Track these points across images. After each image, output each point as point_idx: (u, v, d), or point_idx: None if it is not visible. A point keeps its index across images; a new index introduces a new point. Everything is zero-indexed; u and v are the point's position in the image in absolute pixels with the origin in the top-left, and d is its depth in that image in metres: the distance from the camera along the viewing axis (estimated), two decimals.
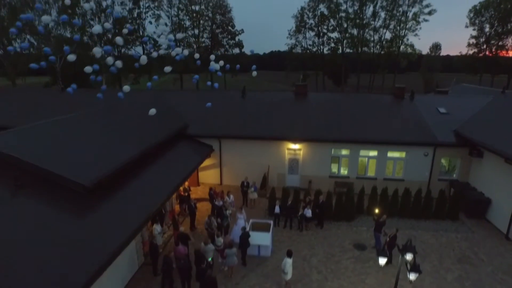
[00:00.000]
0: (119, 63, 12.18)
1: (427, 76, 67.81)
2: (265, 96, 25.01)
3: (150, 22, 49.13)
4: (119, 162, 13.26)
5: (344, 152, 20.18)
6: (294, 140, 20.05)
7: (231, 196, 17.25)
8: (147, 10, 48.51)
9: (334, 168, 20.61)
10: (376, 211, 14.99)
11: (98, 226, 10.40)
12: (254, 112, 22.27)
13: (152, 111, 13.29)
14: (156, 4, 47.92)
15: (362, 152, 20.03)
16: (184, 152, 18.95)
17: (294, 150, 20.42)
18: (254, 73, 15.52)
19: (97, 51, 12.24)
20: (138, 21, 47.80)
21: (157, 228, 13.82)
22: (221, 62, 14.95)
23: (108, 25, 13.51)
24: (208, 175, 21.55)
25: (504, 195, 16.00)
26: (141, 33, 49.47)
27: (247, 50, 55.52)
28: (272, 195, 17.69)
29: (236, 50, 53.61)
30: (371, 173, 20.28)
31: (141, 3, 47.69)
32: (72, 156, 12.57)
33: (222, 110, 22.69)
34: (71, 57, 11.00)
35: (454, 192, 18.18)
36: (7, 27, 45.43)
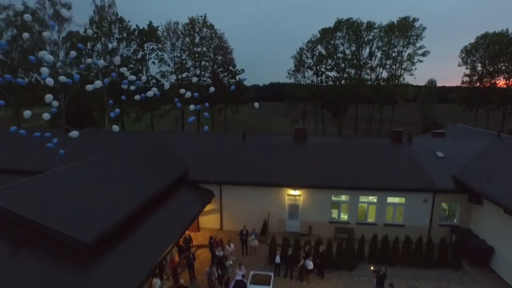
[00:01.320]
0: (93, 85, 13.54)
1: (425, 109, 69.15)
2: (265, 140, 25.48)
3: (154, 63, 50.90)
4: (121, 215, 13.36)
5: (344, 198, 20.30)
6: (294, 186, 20.25)
7: (232, 245, 17.17)
8: (151, 51, 50.49)
9: (334, 213, 20.63)
10: (372, 268, 15.01)
11: (100, 285, 10.36)
12: (254, 157, 22.62)
13: (74, 134, 13.88)
14: (159, 46, 49.90)
15: (362, 198, 20.15)
16: (185, 198, 19.08)
17: (294, 196, 20.55)
18: (256, 105, 16.61)
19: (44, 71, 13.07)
20: (142, 62, 49.60)
21: (157, 282, 13.70)
22: (188, 93, 15.74)
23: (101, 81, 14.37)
24: (209, 220, 21.52)
25: (507, 245, 15.92)
26: (144, 73, 51.09)
27: (246, 82, 56.98)
28: (272, 243, 17.61)
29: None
30: (371, 218, 20.28)
31: (145, 45, 49.70)
32: (73, 210, 12.64)
33: (223, 154, 23.10)
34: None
35: (456, 239, 18.10)
36: (17, 66, 47.08)
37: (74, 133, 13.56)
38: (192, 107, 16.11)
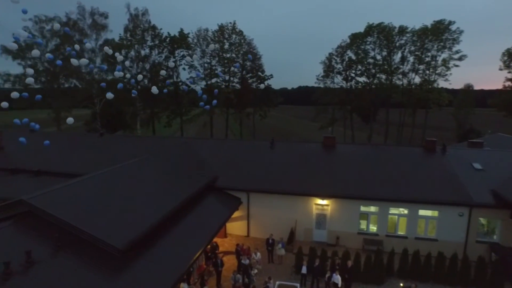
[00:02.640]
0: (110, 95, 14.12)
1: (461, 115, 65.96)
2: (294, 147, 25.43)
3: (184, 69, 52.29)
4: (151, 221, 13.81)
5: (373, 209, 19.83)
6: (322, 196, 20.05)
7: (258, 254, 17.24)
8: (181, 58, 51.91)
9: (363, 224, 20.19)
10: (402, 284, 14.60)
11: None
12: (282, 165, 22.62)
13: (70, 120, 14.26)
14: (190, 53, 51.16)
15: (392, 210, 19.59)
16: (213, 205, 19.39)
17: (322, 205, 20.33)
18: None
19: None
20: (173, 68, 51.14)
21: (184, 287, 14.00)
22: (154, 88, 16.07)
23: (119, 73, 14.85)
24: (236, 226, 21.71)
25: None
26: (175, 79, 52.63)
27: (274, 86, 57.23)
28: (299, 252, 17.51)
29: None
30: (401, 231, 19.65)
31: (176, 52, 51.20)
32: (107, 215, 13.24)
33: (251, 161, 23.28)
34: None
35: (497, 258, 17.12)
36: (58, 73, 49.88)
37: (70, 120, 14.50)
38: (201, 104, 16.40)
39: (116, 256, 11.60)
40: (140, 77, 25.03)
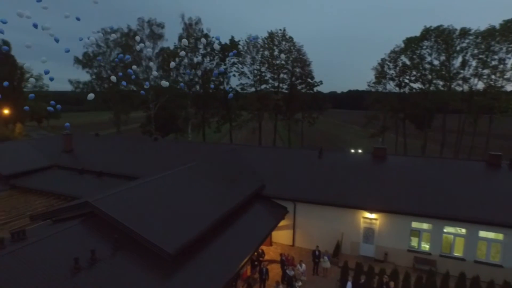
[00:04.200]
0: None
1: None
2: (342, 157, 25.00)
3: (234, 75, 53.69)
4: (201, 228, 14.46)
5: (426, 226, 18.78)
6: (370, 209, 19.43)
7: (303, 265, 17.18)
8: (232, 65, 53.44)
9: (414, 242, 19.20)
10: None
11: None
12: (330, 175, 22.33)
13: (90, 96, 15.62)
14: (240, 59, 52.50)
15: (448, 228, 18.38)
16: (259, 213, 19.71)
17: (370, 219, 19.71)
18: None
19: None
20: (224, 75, 52.92)
21: None
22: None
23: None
24: (281, 235, 21.81)
25: None
26: (225, 85, 54.34)
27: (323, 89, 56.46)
28: (344, 266, 17.14)
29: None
30: (458, 252, 18.34)
31: (226, 59, 52.83)
32: (160, 220, 14.11)
33: (298, 170, 23.29)
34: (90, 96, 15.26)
35: None
36: (119, 80, 53.94)
37: (91, 96, 15.87)
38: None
39: (167, 260, 12.32)
40: (165, 83, 27.05)
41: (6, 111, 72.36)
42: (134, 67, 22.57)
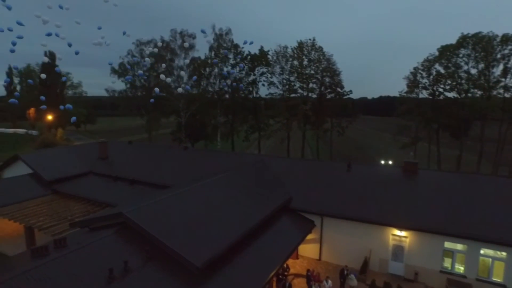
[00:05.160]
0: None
1: None
2: (371, 171, 24.52)
3: (263, 85, 54.24)
4: (229, 241, 14.74)
5: (460, 247, 17.99)
6: (400, 227, 18.92)
7: (330, 282, 16.99)
8: (261, 75, 54.05)
9: (446, 262, 18.44)
10: None
11: None
12: (359, 190, 21.99)
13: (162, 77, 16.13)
14: (269, 69, 53.03)
15: (485, 251, 17.50)
16: (286, 226, 19.74)
17: (400, 236, 19.18)
18: None
19: None
20: (253, 85, 53.70)
21: None
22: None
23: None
24: (308, 249, 21.69)
25: None
26: (254, 94, 55.05)
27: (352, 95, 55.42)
28: (372, 285, 16.83)
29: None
30: (497, 277, 17.35)
31: (256, 69, 53.56)
32: (189, 231, 14.53)
33: (326, 183, 23.15)
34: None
35: None
36: (152, 88, 56.01)
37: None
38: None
39: (195, 272, 12.66)
40: (157, 90, 28.05)
41: (49, 117, 77.21)
42: (162, 76, 23.80)
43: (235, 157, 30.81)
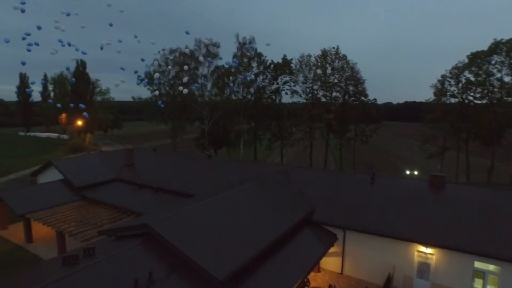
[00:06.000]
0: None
1: None
2: (396, 184, 24.00)
3: (286, 93, 54.36)
4: (251, 253, 14.79)
5: (492, 268, 17.18)
6: (426, 243, 18.35)
7: None
8: (284, 83, 54.20)
9: (477, 283, 17.64)
10: None
11: None
12: (383, 203, 21.56)
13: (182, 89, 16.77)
14: (292, 78, 53.10)
15: None
16: (309, 240, 19.58)
17: (426, 253, 18.60)
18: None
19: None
20: (276, 93, 53.91)
21: None
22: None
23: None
24: (330, 262, 21.42)
25: None
26: (277, 102, 55.20)
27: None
28: None
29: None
30: None
31: (279, 78, 53.77)
32: (212, 243, 14.71)
33: (349, 196, 22.84)
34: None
35: None
36: (177, 96, 57.44)
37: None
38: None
39: (217, 286, 12.81)
40: (156, 93, 29.06)
41: (79, 123, 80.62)
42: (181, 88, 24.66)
43: (257, 166, 30.95)
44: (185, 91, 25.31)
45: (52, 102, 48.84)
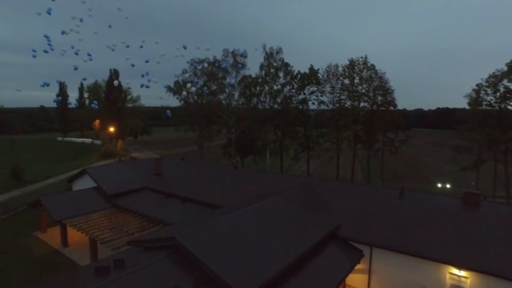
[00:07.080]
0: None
1: None
2: (426, 200, 23.18)
3: (313, 103, 54.10)
4: (276, 270, 14.78)
5: None
6: (459, 266, 17.54)
7: None
8: (311, 94, 54.03)
9: None
10: None
11: None
12: (412, 220, 20.88)
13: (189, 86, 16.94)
14: (319, 88, 52.78)
15: None
16: (333, 256, 19.28)
17: (459, 276, 17.76)
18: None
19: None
20: (303, 103, 53.80)
21: None
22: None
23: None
24: (356, 279, 20.93)
25: None
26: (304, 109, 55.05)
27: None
28: None
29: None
30: None
31: (306, 88, 53.65)
32: (237, 258, 14.84)
33: (377, 212, 22.32)
34: None
35: None
36: (205, 105, 58.52)
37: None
38: None
39: None
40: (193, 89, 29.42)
41: (111, 129, 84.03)
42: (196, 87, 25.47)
43: (282, 178, 30.95)
44: (193, 89, 26.26)
45: (96, 107, 51.30)
